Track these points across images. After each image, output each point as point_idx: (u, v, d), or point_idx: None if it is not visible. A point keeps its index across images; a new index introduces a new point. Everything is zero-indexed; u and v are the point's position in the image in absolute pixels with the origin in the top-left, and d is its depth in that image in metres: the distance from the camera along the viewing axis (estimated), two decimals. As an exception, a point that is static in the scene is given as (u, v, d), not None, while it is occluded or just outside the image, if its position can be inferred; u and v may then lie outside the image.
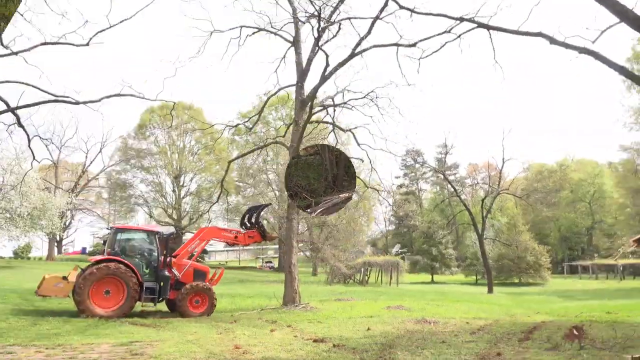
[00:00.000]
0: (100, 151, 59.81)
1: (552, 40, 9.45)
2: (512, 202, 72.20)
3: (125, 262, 14.66)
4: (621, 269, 58.14)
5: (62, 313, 14.69)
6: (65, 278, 14.55)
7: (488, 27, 10.58)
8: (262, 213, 18.64)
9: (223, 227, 19.00)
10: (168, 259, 15.78)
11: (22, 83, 16.66)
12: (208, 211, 47.67)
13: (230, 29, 19.29)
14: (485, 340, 10.33)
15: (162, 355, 8.47)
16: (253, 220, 17.82)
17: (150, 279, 15.23)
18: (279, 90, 20.99)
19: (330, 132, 25.15)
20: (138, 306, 15.34)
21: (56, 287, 14.30)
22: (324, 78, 17.47)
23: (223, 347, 9.40)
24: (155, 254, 15.59)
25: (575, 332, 9.79)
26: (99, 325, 12.61)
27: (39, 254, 61.66)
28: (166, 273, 15.43)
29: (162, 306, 16.44)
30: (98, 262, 14.56)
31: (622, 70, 8.61)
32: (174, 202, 65.00)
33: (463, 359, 8.17)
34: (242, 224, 18.12)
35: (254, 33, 19.55)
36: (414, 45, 15.86)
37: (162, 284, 15.25)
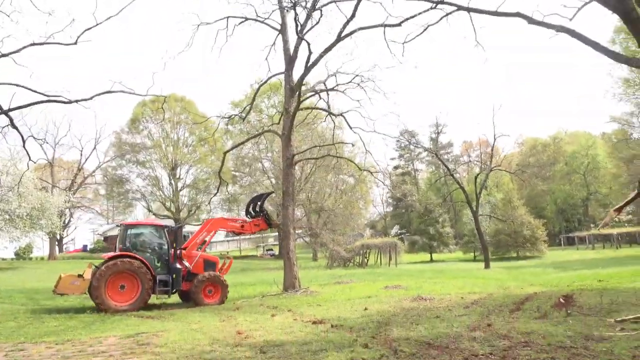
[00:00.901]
0: (94, 148, 60.02)
1: (531, 20, 9.69)
2: (508, 177, 72.76)
3: (138, 257, 15.18)
4: (617, 237, 58.92)
5: (67, 310, 15.09)
6: (80, 276, 15.01)
7: (468, 9, 10.80)
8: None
9: (228, 217, 19.56)
10: (178, 252, 16.31)
11: (13, 84, 16.85)
12: (209, 203, 48.23)
13: (217, 20, 19.44)
14: (478, 313, 10.75)
15: (168, 344, 8.83)
16: (257, 208, 18.33)
17: (163, 272, 15.81)
18: (269, 78, 21.21)
19: (326, 117, 25.34)
20: (153, 298, 15.85)
21: (73, 284, 14.78)
22: (308, 67, 17.65)
23: (226, 334, 9.78)
24: (166, 247, 16.17)
25: (563, 300, 10.21)
26: (105, 319, 12.98)
27: (40, 253, 62.02)
28: (177, 265, 16.02)
29: (169, 298, 16.88)
30: (111, 258, 15.01)
31: (596, 46, 8.86)
32: (171, 195, 65.25)
33: (455, 332, 8.55)
34: (247, 212, 18.66)
35: (240, 23, 19.68)
36: (399, 25, 15.91)
37: (174, 276, 15.83)
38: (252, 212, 18.40)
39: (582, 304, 11.01)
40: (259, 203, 18.52)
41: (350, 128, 20.37)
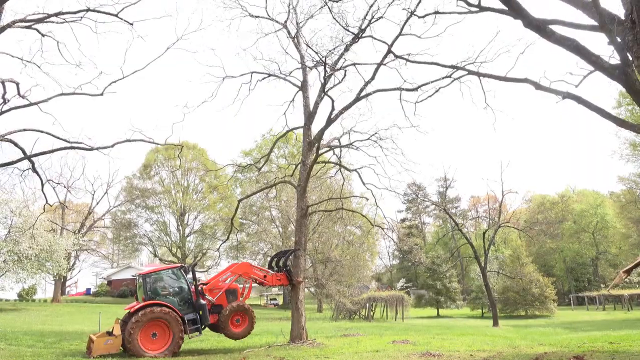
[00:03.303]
0: (106, 192, 60.44)
1: (538, 86, 10.18)
2: (516, 234, 72.52)
3: (163, 303, 15.35)
4: (629, 299, 57.82)
5: (74, 354, 15.08)
6: (111, 334, 15.10)
7: (478, 74, 11.38)
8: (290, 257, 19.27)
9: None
10: (199, 287, 16.49)
11: (38, 131, 17.50)
12: (218, 249, 48.93)
13: (242, 75, 20.24)
14: (488, 371, 10.68)
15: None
16: (281, 264, 18.58)
17: (189, 311, 15.98)
18: (288, 131, 21.89)
19: (336, 172, 25.98)
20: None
21: (107, 344, 14.76)
22: (329, 121, 18.29)
23: (235, 383, 9.79)
24: (186, 287, 16.36)
25: (574, 361, 10.17)
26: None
27: (42, 295, 61.60)
28: (201, 301, 16.14)
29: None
30: (138, 310, 15.08)
31: (602, 112, 9.28)
32: (178, 241, 65.46)
33: (465, 389, 8.54)
34: (270, 266, 18.88)
35: (263, 78, 20.44)
36: (415, 89, 16.63)
37: (200, 312, 16.01)
38: (275, 267, 18.63)
39: (593, 365, 10.92)
40: (282, 259, 18.76)
41: (364, 184, 20.58)
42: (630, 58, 8.37)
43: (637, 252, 57.91)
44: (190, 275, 16.78)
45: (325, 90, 18.37)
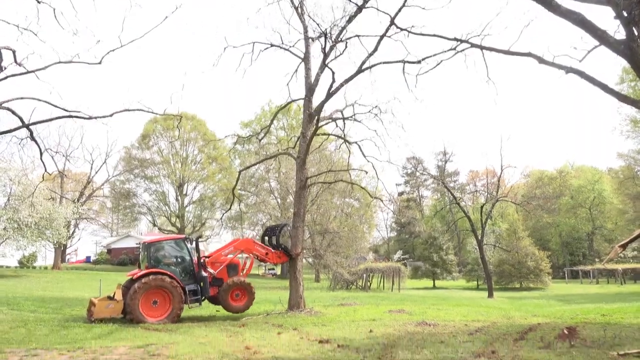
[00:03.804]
0: (104, 162, 60.38)
1: (541, 60, 10.09)
2: (513, 208, 72.89)
3: (166, 272, 15.54)
4: (622, 273, 58.60)
5: (76, 319, 15.34)
6: (112, 298, 15.30)
7: (481, 47, 11.25)
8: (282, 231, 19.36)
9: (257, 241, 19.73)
10: (202, 260, 16.68)
11: (36, 99, 17.34)
12: (221, 219, 49.10)
13: (243, 45, 19.81)
14: (482, 340, 10.91)
15: (179, 356, 9.07)
16: (274, 242, 18.70)
17: (190, 282, 16.19)
18: (289, 103, 21.69)
19: (340, 145, 25.85)
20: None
21: (108, 308, 15.01)
22: (329, 94, 18.11)
23: (234, 348, 10.01)
24: (189, 258, 16.55)
25: (567, 332, 10.40)
26: (113, 330, 13.21)
27: (42, 262, 62.17)
28: (203, 273, 16.36)
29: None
30: (141, 276, 15.26)
31: (605, 87, 9.23)
32: (177, 211, 65.75)
33: (460, 357, 8.76)
34: (262, 242, 19.04)
35: (266, 49, 20.05)
36: (419, 62, 16.38)
37: (202, 284, 16.24)
38: (269, 245, 18.76)
39: (585, 336, 11.14)
40: (274, 236, 18.85)
41: (365, 157, 20.44)
42: (636, 33, 8.28)
43: (633, 227, 58.28)
44: (193, 246, 16.96)
45: (327, 62, 18.13)
